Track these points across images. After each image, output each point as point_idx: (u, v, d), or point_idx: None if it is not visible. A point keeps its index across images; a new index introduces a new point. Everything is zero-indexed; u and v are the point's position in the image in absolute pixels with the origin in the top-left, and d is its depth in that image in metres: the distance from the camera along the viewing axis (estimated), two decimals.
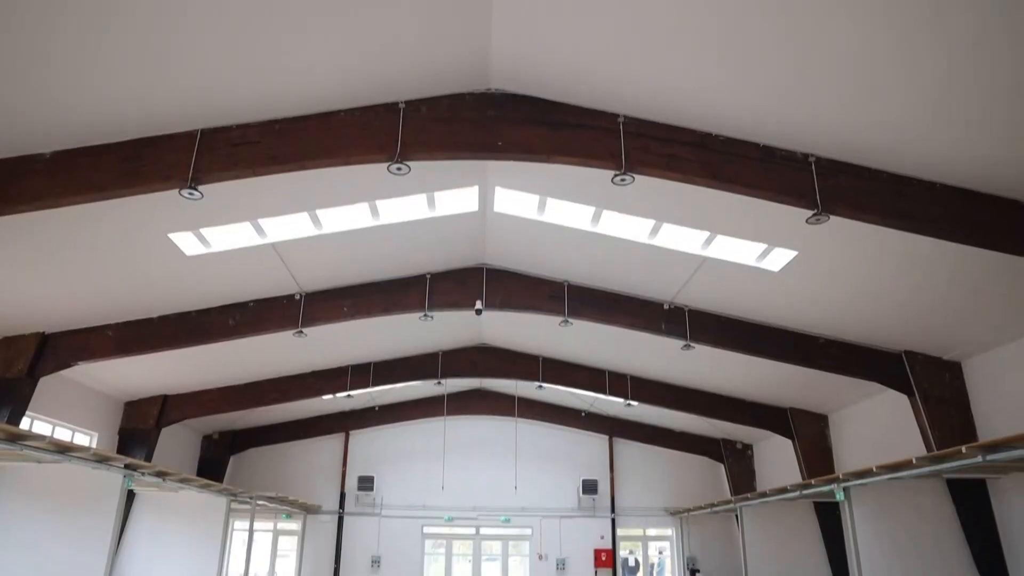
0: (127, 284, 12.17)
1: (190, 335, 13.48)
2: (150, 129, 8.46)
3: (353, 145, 8.48)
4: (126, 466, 12.71)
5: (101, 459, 11.88)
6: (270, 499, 19.20)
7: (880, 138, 8.19)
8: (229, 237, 11.44)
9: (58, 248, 10.67)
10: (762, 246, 11.26)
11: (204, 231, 11.08)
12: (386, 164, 8.54)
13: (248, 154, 8.46)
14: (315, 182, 10.08)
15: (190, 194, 8.37)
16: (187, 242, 11.20)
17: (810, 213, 8.60)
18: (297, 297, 13.56)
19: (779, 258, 11.34)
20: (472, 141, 8.51)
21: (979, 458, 9.61)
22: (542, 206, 11.26)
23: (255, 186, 9.91)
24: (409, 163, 8.52)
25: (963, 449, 9.71)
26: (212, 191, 9.70)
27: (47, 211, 9.63)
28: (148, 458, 17.52)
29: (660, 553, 24.34)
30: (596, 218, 11.25)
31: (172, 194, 9.62)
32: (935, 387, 13.26)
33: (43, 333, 13.15)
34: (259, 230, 11.33)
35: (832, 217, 8.77)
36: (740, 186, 8.61)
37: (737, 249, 11.54)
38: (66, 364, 13.33)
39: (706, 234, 11.24)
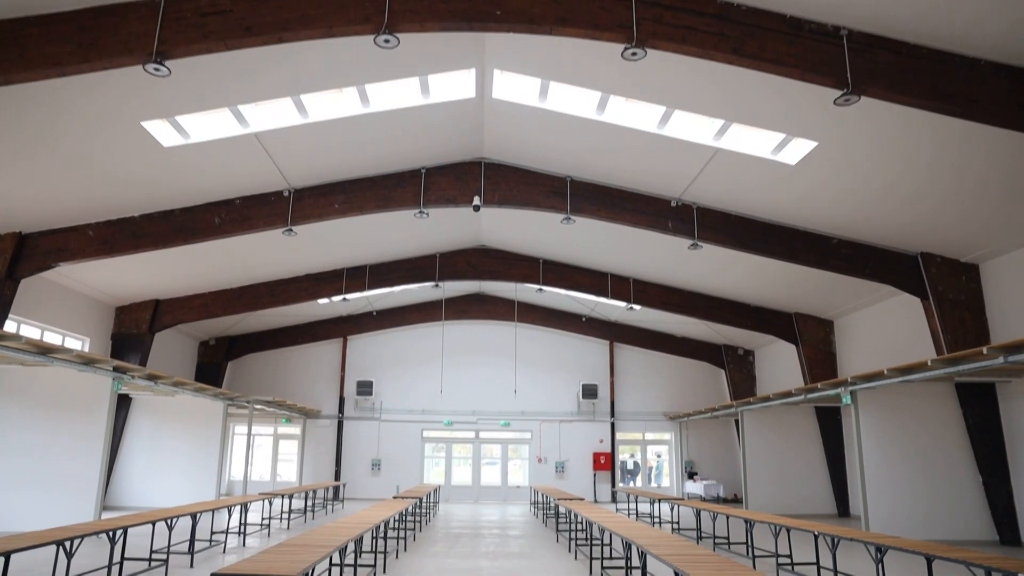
0: (103, 179, 11.44)
1: (175, 234, 12.87)
2: None
3: (335, 14, 7.60)
4: (115, 369, 12.39)
5: (87, 361, 11.49)
6: (267, 403, 19.09)
7: (924, 6, 7.32)
8: (209, 127, 10.62)
9: (26, 139, 9.89)
10: (780, 136, 10.50)
11: (180, 119, 10.27)
12: (372, 36, 7.70)
13: (219, 24, 7.59)
14: (298, 63, 9.22)
15: (156, 69, 7.54)
16: (163, 132, 10.41)
17: (839, 93, 7.83)
18: (286, 194, 12.87)
19: (797, 149, 10.60)
20: (467, 9, 7.62)
21: (1000, 359, 9.22)
22: (544, 91, 10.41)
23: (232, 67, 9.07)
24: (398, 35, 7.67)
25: (984, 350, 9.32)
26: (184, 72, 8.90)
27: (8, 97, 8.87)
28: (143, 363, 17.25)
29: (658, 457, 24.60)
30: (602, 105, 10.42)
31: (142, 77, 8.87)
32: (950, 290, 12.82)
33: (20, 233, 12.56)
34: (240, 118, 10.53)
35: (862, 99, 8.04)
36: (763, 62, 7.79)
37: (752, 140, 10.78)
38: (47, 265, 12.78)
39: (720, 123, 10.45)
